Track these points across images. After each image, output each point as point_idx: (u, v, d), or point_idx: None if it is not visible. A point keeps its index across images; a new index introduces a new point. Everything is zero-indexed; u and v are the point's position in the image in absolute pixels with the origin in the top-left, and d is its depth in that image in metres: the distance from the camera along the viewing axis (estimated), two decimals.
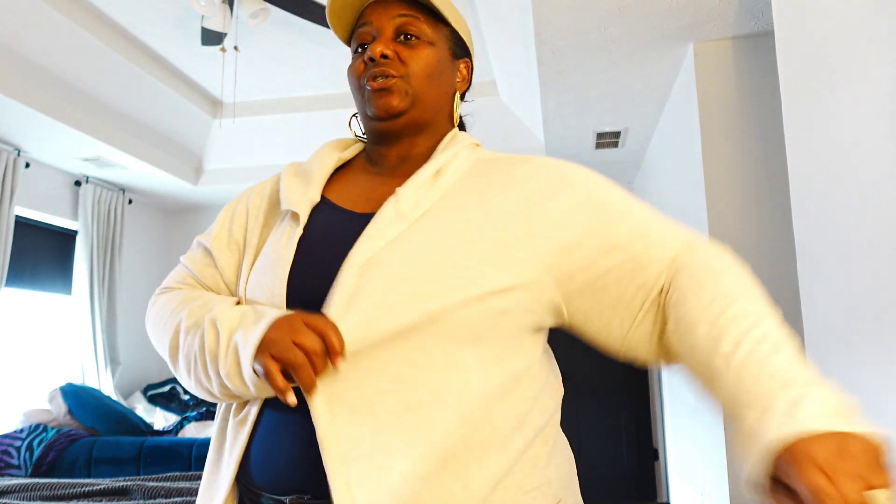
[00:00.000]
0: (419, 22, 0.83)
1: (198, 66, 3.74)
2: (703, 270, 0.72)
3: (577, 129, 3.77)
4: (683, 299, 0.70)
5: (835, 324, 1.43)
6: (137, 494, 2.42)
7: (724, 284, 0.69)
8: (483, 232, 0.72)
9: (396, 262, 0.70)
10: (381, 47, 0.80)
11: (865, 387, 1.30)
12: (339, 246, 0.74)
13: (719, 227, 2.58)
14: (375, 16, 0.83)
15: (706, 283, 0.70)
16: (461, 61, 0.90)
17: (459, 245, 0.71)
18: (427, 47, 0.83)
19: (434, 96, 0.84)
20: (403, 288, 0.68)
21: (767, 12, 2.43)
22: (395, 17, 0.83)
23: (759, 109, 2.59)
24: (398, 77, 0.81)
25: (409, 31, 0.82)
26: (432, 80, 0.83)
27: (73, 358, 4.36)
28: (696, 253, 0.76)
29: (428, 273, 0.69)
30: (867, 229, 1.27)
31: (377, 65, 0.81)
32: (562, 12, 2.45)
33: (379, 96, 0.81)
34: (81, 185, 4.42)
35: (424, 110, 0.84)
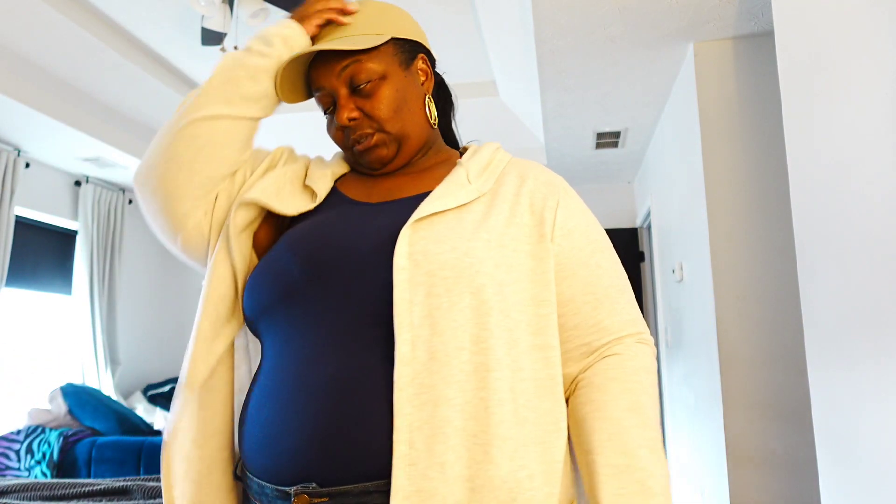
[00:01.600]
0: (362, 63, 0.82)
1: (198, 66, 3.74)
2: (615, 388, 0.76)
3: (577, 129, 3.77)
4: (588, 403, 0.76)
5: (834, 323, 1.43)
6: (137, 494, 2.42)
7: (615, 414, 0.74)
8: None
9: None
10: (345, 113, 0.82)
11: (864, 386, 1.30)
12: (340, 230, 0.78)
13: (719, 227, 2.58)
14: (323, 78, 0.84)
15: (611, 407, 0.74)
16: (416, 62, 0.88)
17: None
18: (381, 85, 0.83)
19: (412, 123, 0.86)
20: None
21: (767, 12, 2.43)
22: (340, 73, 0.82)
23: (759, 109, 2.59)
24: (374, 132, 0.83)
25: (358, 81, 0.82)
26: (402, 112, 0.84)
27: (73, 358, 4.36)
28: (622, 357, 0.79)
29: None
30: (867, 229, 1.27)
31: (351, 129, 0.84)
32: (562, 12, 2.45)
33: (368, 154, 0.85)
34: (81, 185, 4.42)
35: (410, 141, 0.86)
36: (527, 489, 0.66)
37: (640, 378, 0.76)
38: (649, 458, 0.71)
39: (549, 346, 0.73)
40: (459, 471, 0.64)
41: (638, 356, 0.78)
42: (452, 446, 0.65)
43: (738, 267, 2.53)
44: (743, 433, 2.45)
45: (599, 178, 4.88)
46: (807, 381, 2.37)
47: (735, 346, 2.50)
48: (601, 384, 0.75)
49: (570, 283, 0.78)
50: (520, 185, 0.82)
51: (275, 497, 0.70)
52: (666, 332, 3.84)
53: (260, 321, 0.78)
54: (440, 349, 0.67)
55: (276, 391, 0.72)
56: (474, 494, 0.64)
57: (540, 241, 0.77)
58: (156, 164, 0.81)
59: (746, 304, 2.51)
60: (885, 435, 1.22)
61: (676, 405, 3.67)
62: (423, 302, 0.68)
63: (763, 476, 2.42)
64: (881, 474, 1.24)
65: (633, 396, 0.74)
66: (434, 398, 0.66)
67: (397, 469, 0.64)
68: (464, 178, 0.80)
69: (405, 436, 0.64)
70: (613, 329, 0.78)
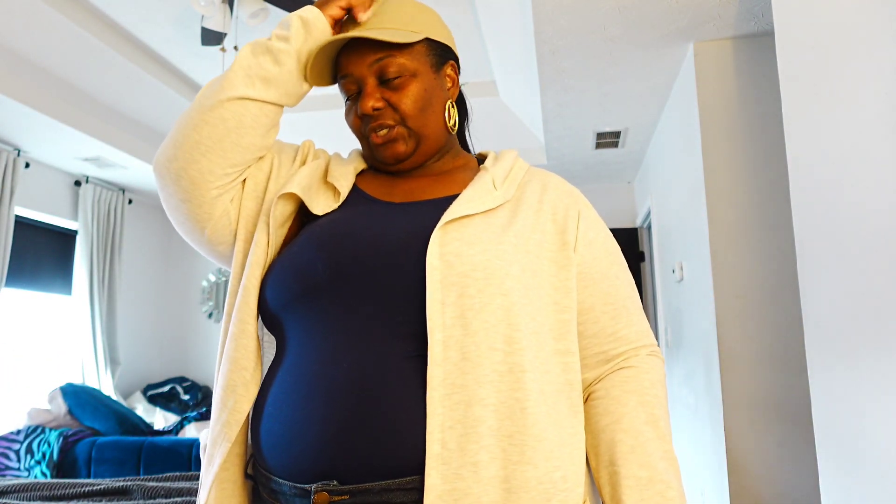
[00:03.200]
0: (395, 58, 0.82)
1: (198, 66, 3.74)
2: (631, 400, 0.79)
3: (577, 129, 3.77)
4: (607, 414, 0.78)
5: (835, 323, 1.43)
6: (137, 494, 2.42)
7: (635, 427, 0.77)
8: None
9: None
10: (370, 101, 0.82)
11: (865, 386, 1.30)
12: (366, 228, 0.78)
13: (719, 227, 2.58)
14: (353, 65, 0.83)
15: (627, 418, 0.77)
16: (446, 66, 0.89)
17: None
18: (411, 81, 0.83)
19: (433, 124, 0.86)
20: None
21: (767, 12, 2.43)
22: (372, 64, 0.82)
23: (759, 109, 2.59)
24: (396, 125, 0.83)
25: (389, 74, 0.82)
26: (426, 111, 0.84)
27: (73, 358, 4.36)
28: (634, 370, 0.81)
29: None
30: (867, 229, 1.27)
31: (373, 118, 0.83)
32: (562, 12, 2.45)
33: (386, 148, 0.84)
34: (81, 185, 4.42)
35: (429, 141, 0.86)
36: (561, 490, 0.67)
37: (656, 391, 0.79)
38: (668, 469, 0.74)
39: (569, 351, 0.75)
40: (495, 471, 0.65)
41: (653, 369, 0.81)
42: (486, 446, 0.65)
43: (738, 266, 2.53)
44: (743, 433, 2.45)
45: (599, 178, 4.88)
46: (807, 381, 2.37)
47: (735, 346, 2.50)
48: (619, 396, 0.78)
49: (590, 291, 0.80)
50: (542, 193, 0.84)
51: (293, 495, 0.69)
52: (666, 332, 3.84)
53: (281, 315, 0.77)
54: (472, 350, 0.67)
55: (297, 388, 0.71)
56: (510, 495, 0.65)
57: (562, 248, 0.79)
58: (179, 149, 0.80)
59: (746, 304, 2.51)
60: (886, 434, 1.22)
61: (676, 405, 3.67)
62: (455, 303, 0.69)
63: (763, 476, 2.41)
64: (881, 474, 1.24)
65: (650, 409, 0.77)
66: (467, 398, 0.66)
67: (430, 468, 0.64)
68: (489, 183, 0.81)
69: (438, 435, 0.65)
70: (630, 339, 0.81)
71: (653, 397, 0.78)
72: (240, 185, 0.85)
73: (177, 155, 0.80)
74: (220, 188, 0.82)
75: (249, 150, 0.83)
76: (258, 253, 0.80)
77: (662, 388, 0.80)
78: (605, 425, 0.77)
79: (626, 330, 0.81)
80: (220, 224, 0.83)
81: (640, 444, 0.75)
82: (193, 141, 0.79)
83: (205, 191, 0.81)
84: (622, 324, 0.81)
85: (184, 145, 0.80)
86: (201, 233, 0.84)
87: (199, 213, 0.82)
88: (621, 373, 0.79)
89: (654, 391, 0.79)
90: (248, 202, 0.85)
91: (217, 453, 0.76)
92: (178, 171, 0.80)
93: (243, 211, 0.84)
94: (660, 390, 0.80)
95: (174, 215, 0.84)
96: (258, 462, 0.75)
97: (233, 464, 0.77)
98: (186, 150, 0.79)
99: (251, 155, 0.84)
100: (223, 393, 0.77)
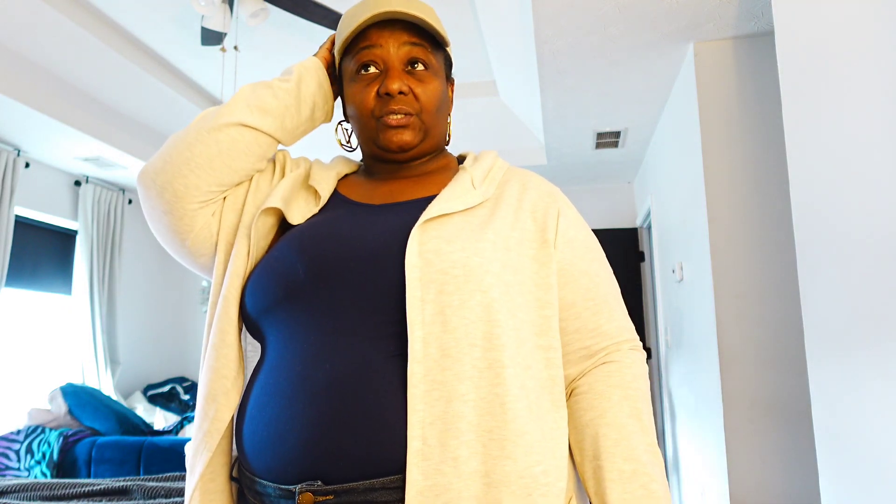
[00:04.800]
0: (426, 51, 0.85)
1: (198, 66, 3.74)
2: (614, 395, 0.79)
3: (577, 129, 3.77)
4: (591, 409, 0.79)
5: (835, 322, 1.43)
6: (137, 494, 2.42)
7: (619, 421, 0.77)
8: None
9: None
10: (397, 84, 0.82)
11: (865, 387, 1.30)
12: (347, 229, 0.79)
13: (719, 227, 2.58)
14: (383, 39, 0.84)
15: (609, 414, 0.78)
16: (451, 83, 0.94)
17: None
18: (434, 79, 0.86)
19: (440, 126, 0.89)
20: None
21: (767, 12, 2.43)
22: (404, 45, 0.84)
23: (759, 109, 2.59)
24: (415, 115, 0.84)
25: (418, 60, 0.84)
26: (440, 112, 0.87)
27: (73, 358, 4.36)
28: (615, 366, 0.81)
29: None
30: (867, 230, 1.27)
31: (394, 100, 0.83)
32: (562, 12, 2.45)
33: (396, 132, 0.84)
34: (81, 185, 4.42)
35: (432, 140, 0.88)
36: (542, 484, 0.68)
37: (638, 385, 0.80)
38: (651, 462, 0.75)
39: (551, 347, 0.76)
40: (475, 466, 0.65)
41: (635, 363, 0.81)
42: (466, 441, 0.66)
43: (737, 267, 2.53)
44: (743, 433, 2.45)
45: (599, 178, 4.88)
46: (807, 381, 2.37)
47: (735, 346, 2.50)
48: (603, 391, 0.78)
49: (572, 288, 0.80)
50: (521, 192, 0.84)
51: (277, 497, 0.70)
52: (666, 332, 3.84)
53: (262, 320, 0.78)
54: (452, 346, 0.68)
55: (279, 390, 0.72)
56: (490, 489, 0.65)
57: (543, 246, 0.79)
58: (169, 163, 0.81)
59: (746, 304, 2.51)
60: (886, 433, 1.22)
61: (676, 405, 3.67)
62: (434, 300, 0.69)
63: (763, 476, 2.41)
64: (881, 473, 1.24)
65: (633, 403, 0.78)
66: (447, 394, 0.66)
67: (411, 464, 0.64)
68: (468, 183, 0.82)
69: (418, 432, 0.65)
70: (612, 334, 0.81)
71: (635, 391, 0.79)
72: (221, 200, 0.87)
73: (165, 168, 0.82)
74: (203, 203, 0.84)
75: (238, 173, 0.85)
76: (238, 264, 0.81)
77: (645, 382, 0.81)
78: (589, 420, 0.77)
79: (607, 325, 0.81)
80: (201, 236, 0.85)
81: (624, 437, 0.75)
82: (185, 157, 0.81)
83: (186, 203, 0.82)
84: (604, 319, 0.81)
85: (174, 160, 0.81)
86: (182, 244, 0.85)
87: (180, 226, 0.83)
88: (604, 367, 0.80)
89: (637, 385, 0.79)
90: (228, 215, 0.86)
91: (198, 462, 0.76)
92: (163, 183, 0.82)
93: (224, 223, 0.86)
94: (642, 384, 0.80)
95: (156, 227, 0.86)
96: (243, 465, 0.76)
97: (217, 473, 0.77)
98: (176, 165, 0.81)
99: (238, 178, 0.86)
100: (204, 402, 0.78)
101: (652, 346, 4.74)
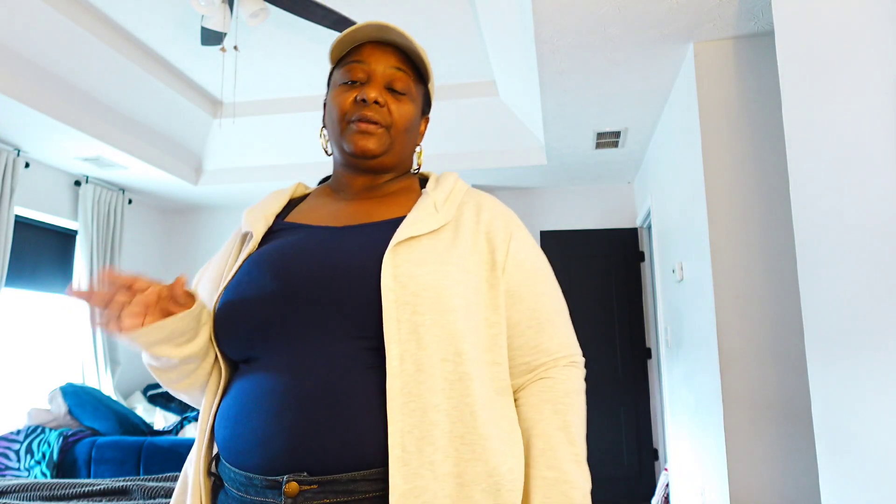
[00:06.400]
0: (408, 78, 0.92)
1: (198, 66, 3.74)
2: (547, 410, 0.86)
3: (577, 129, 3.77)
4: (525, 420, 0.86)
5: (835, 324, 1.43)
6: (137, 494, 2.42)
7: (547, 432, 0.84)
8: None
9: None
10: (375, 93, 0.88)
11: (864, 384, 1.30)
12: (315, 250, 0.83)
13: (719, 227, 2.58)
14: (374, 58, 0.91)
15: (543, 426, 0.85)
16: (424, 119, 1.00)
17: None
18: (410, 104, 0.93)
19: (405, 147, 0.95)
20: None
21: (767, 12, 2.43)
22: (391, 68, 0.91)
23: (759, 109, 2.59)
24: (384, 126, 0.90)
25: (398, 85, 0.91)
26: (407, 133, 0.93)
27: (73, 358, 4.36)
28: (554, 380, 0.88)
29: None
30: (867, 229, 1.27)
31: (369, 108, 0.89)
32: (562, 12, 2.45)
33: (361, 137, 0.89)
34: (81, 185, 4.42)
35: (394, 157, 0.93)
36: (508, 480, 0.76)
37: (570, 400, 0.86)
38: (574, 471, 0.81)
39: (498, 362, 0.83)
40: (449, 469, 0.73)
41: (569, 379, 0.88)
42: (441, 447, 0.73)
43: (738, 267, 2.53)
44: (743, 433, 2.45)
45: (599, 178, 4.88)
46: (807, 381, 2.37)
47: (735, 346, 2.50)
48: (536, 404, 0.86)
49: (518, 308, 0.87)
50: (478, 214, 0.91)
51: (263, 487, 0.75)
52: (666, 332, 3.84)
53: (247, 356, 0.83)
54: (426, 362, 0.75)
55: (267, 398, 0.77)
56: (462, 489, 0.73)
57: (493, 269, 0.86)
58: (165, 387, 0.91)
59: (746, 304, 2.51)
60: (886, 432, 1.22)
61: (676, 405, 3.67)
62: (409, 319, 0.76)
63: (763, 476, 2.42)
64: (881, 471, 1.24)
65: (563, 417, 0.85)
66: (422, 405, 0.74)
67: (394, 470, 0.71)
68: (431, 206, 0.88)
69: (398, 440, 0.72)
70: (551, 351, 0.88)
71: (566, 406, 0.85)
72: (210, 350, 0.88)
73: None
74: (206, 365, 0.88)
75: (204, 377, 0.88)
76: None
77: (577, 396, 0.87)
78: (522, 430, 0.85)
79: (548, 343, 0.88)
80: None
81: (550, 447, 0.82)
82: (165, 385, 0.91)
83: (198, 383, 0.89)
84: (545, 337, 0.88)
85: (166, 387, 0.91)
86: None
87: (203, 376, 0.89)
88: (540, 383, 0.87)
89: (568, 400, 0.86)
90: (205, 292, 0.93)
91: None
92: (175, 394, 0.92)
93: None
94: (574, 398, 0.87)
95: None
96: (231, 462, 0.80)
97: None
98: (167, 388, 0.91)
99: (202, 357, 0.87)
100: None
101: (652, 346, 4.74)
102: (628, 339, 4.73)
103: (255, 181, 4.65)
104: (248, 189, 4.81)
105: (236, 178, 4.69)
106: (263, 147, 4.51)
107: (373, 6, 3.11)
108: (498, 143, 4.38)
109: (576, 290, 4.79)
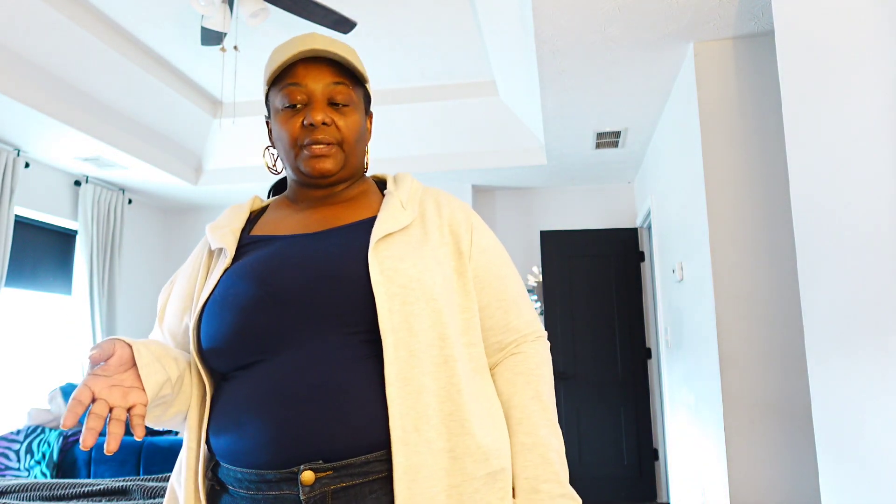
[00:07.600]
0: (347, 88, 0.93)
1: (198, 66, 3.74)
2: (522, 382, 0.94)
3: (577, 129, 3.77)
4: (502, 393, 0.94)
5: (835, 323, 1.44)
6: (137, 494, 2.42)
7: (522, 402, 0.92)
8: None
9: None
10: (321, 115, 0.90)
11: (864, 384, 1.30)
12: (298, 257, 0.87)
13: (719, 227, 2.58)
14: (309, 78, 0.91)
15: (519, 396, 0.93)
16: (370, 117, 1.03)
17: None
18: (354, 113, 0.94)
19: (359, 155, 0.98)
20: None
21: (767, 12, 2.43)
22: (329, 85, 0.92)
23: (759, 109, 2.59)
24: (336, 144, 0.92)
25: (339, 98, 0.92)
26: (359, 143, 0.96)
27: (73, 358, 4.36)
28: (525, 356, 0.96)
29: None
30: (867, 229, 1.27)
31: (318, 131, 0.91)
32: (562, 12, 2.45)
33: (317, 161, 0.92)
34: (81, 185, 4.42)
35: (350, 168, 0.97)
36: (495, 450, 0.83)
37: (540, 371, 0.95)
38: (548, 435, 0.90)
39: (474, 343, 0.90)
40: (442, 444, 0.80)
41: (538, 353, 0.96)
42: (434, 425, 0.80)
43: (738, 267, 2.53)
44: (743, 433, 2.45)
45: (599, 178, 4.88)
46: (807, 381, 2.37)
47: (735, 346, 2.50)
48: (510, 378, 0.94)
49: (486, 292, 0.94)
50: (438, 209, 0.97)
51: (277, 481, 0.79)
52: (666, 332, 3.84)
53: (239, 363, 0.85)
54: (417, 347, 0.81)
55: (270, 397, 0.80)
56: (455, 462, 0.80)
57: (460, 258, 0.93)
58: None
59: (746, 304, 2.51)
60: (886, 432, 1.22)
61: (676, 405, 3.67)
62: (399, 310, 0.82)
63: (763, 476, 2.42)
64: (881, 471, 1.24)
65: (535, 387, 0.93)
66: (416, 389, 0.80)
67: (396, 449, 0.77)
68: (398, 205, 0.93)
69: (398, 422, 0.78)
70: (519, 329, 0.96)
71: (538, 377, 0.94)
72: (190, 366, 0.91)
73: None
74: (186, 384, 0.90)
75: (186, 399, 0.90)
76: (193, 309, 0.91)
77: (547, 367, 0.96)
78: (501, 402, 0.93)
79: (516, 321, 0.96)
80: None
81: (526, 416, 0.90)
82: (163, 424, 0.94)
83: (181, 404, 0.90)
84: (513, 316, 0.96)
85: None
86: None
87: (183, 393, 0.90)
88: (512, 358, 0.95)
89: (539, 371, 0.94)
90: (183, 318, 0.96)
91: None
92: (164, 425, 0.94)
93: (179, 316, 0.96)
94: (544, 369, 0.95)
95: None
96: (237, 464, 0.82)
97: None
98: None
99: (178, 381, 0.87)
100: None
101: (652, 346, 4.74)
102: (628, 339, 4.73)
103: (255, 181, 4.65)
104: (248, 189, 4.81)
105: (236, 178, 4.69)
106: (263, 147, 4.50)
107: (373, 6, 3.11)
108: (498, 143, 4.38)
109: (576, 290, 4.79)
